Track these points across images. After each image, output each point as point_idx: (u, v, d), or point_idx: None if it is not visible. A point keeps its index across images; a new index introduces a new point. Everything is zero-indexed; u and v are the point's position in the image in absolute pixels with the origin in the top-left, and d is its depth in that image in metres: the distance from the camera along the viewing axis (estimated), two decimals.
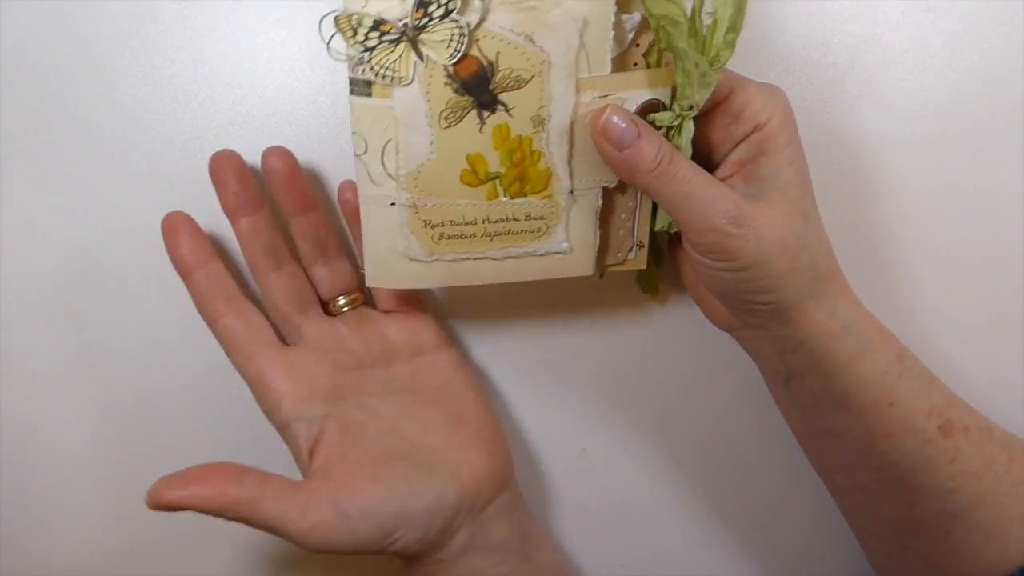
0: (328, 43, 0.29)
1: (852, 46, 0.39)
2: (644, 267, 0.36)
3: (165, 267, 0.37)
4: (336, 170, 0.39)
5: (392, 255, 0.34)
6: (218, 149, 0.35)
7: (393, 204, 0.33)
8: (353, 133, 0.32)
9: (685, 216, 0.31)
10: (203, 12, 0.39)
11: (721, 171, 0.33)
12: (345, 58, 0.30)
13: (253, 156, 0.40)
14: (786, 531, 0.43)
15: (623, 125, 0.30)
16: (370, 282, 0.35)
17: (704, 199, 0.30)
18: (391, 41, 0.30)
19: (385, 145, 0.32)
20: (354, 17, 0.29)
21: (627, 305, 0.41)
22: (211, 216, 0.38)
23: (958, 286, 0.40)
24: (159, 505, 0.30)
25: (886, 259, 0.40)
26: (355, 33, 0.30)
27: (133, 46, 0.39)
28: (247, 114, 0.39)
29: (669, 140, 0.32)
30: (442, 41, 0.30)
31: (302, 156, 0.39)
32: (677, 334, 0.41)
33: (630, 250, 0.36)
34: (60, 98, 0.39)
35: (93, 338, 0.41)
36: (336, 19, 0.29)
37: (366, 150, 0.32)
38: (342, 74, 0.39)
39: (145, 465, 0.42)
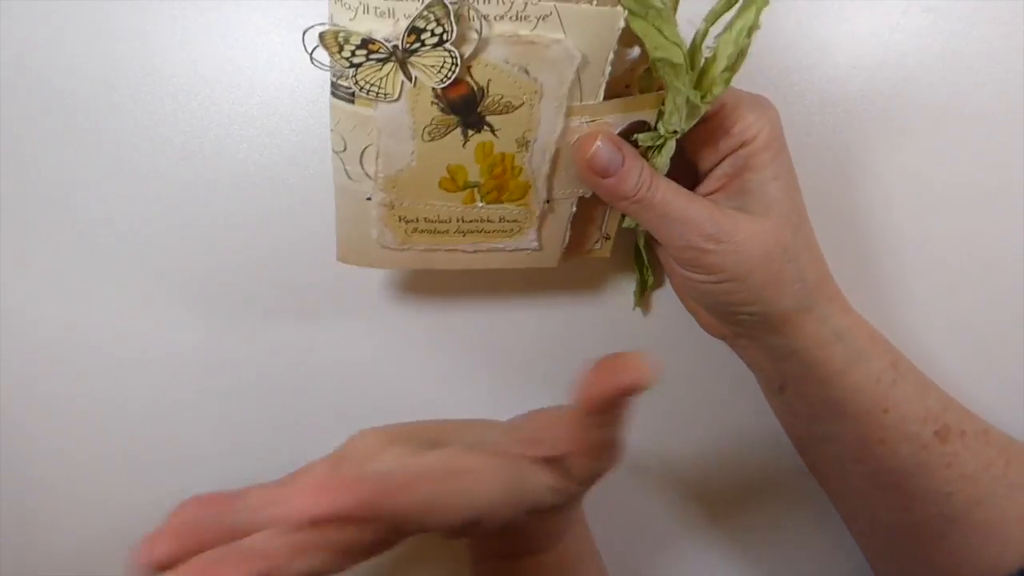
0: (311, 54, 0.28)
1: (852, 46, 0.39)
2: (608, 256, 0.37)
3: (165, 266, 0.37)
4: None
5: (364, 240, 0.34)
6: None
7: (369, 199, 0.32)
8: (332, 131, 0.31)
9: (663, 234, 0.31)
10: (203, 12, 0.39)
11: (706, 185, 0.33)
12: (328, 68, 0.29)
13: (253, 155, 0.40)
14: (786, 531, 0.43)
15: (609, 155, 0.30)
16: (341, 259, 0.34)
17: (680, 220, 0.31)
18: (378, 60, 0.28)
19: (364, 149, 0.31)
20: (341, 34, 0.28)
21: (624, 309, 0.41)
22: (209, 217, 0.38)
23: (958, 286, 0.40)
24: None
25: (885, 259, 0.40)
26: (341, 49, 0.28)
27: (133, 46, 0.39)
28: (247, 114, 0.39)
29: (648, 158, 0.32)
30: (433, 66, 0.29)
31: (302, 156, 0.39)
32: (678, 335, 0.41)
33: (596, 242, 0.36)
34: (60, 98, 0.39)
35: (93, 338, 0.41)
36: (322, 35, 0.28)
37: (344, 149, 0.31)
38: None
39: (146, 466, 0.42)
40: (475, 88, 0.30)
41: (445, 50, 0.28)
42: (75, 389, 0.41)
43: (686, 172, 0.34)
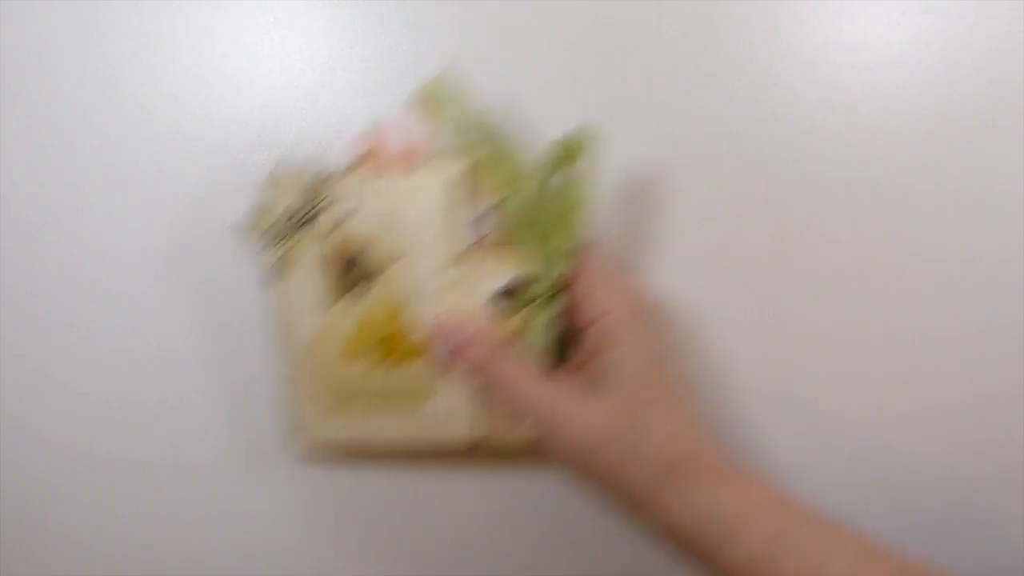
0: (245, 236, 0.35)
1: (852, 46, 0.39)
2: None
3: (165, 266, 0.37)
4: (336, 170, 0.39)
5: (292, 424, 0.37)
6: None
7: (289, 380, 0.36)
8: (272, 321, 0.36)
9: (509, 412, 0.33)
10: (203, 12, 0.39)
11: (576, 358, 0.34)
12: (264, 248, 0.35)
13: (253, 155, 0.40)
14: None
15: (456, 325, 0.33)
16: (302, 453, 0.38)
17: (520, 403, 0.32)
18: (288, 231, 0.34)
19: (282, 325, 0.36)
20: (265, 209, 0.35)
21: None
22: (209, 216, 0.38)
23: (957, 286, 0.40)
24: None
25: (885, 259, 0.40)
26: (264, 225, 0.35)
27: (133, 46, 0.39)
28: (247, 114, 0.39)
29: (535, 314, 0.34)
30: (322, 230, 0.34)
31: (302, 156, 0.39)
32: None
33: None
34: (60, 98, 0.39)
35: (94, 337, 0.41)
36: (254, 213, 0.35)
37: (273, 330, 0.36)
38: (342, 74, 0.40)
39: (146, 465, 0.42)
40: (359, 246, 0.34)
41: (327, 212, 0.34)
42: (75, 388, 0.41)
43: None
